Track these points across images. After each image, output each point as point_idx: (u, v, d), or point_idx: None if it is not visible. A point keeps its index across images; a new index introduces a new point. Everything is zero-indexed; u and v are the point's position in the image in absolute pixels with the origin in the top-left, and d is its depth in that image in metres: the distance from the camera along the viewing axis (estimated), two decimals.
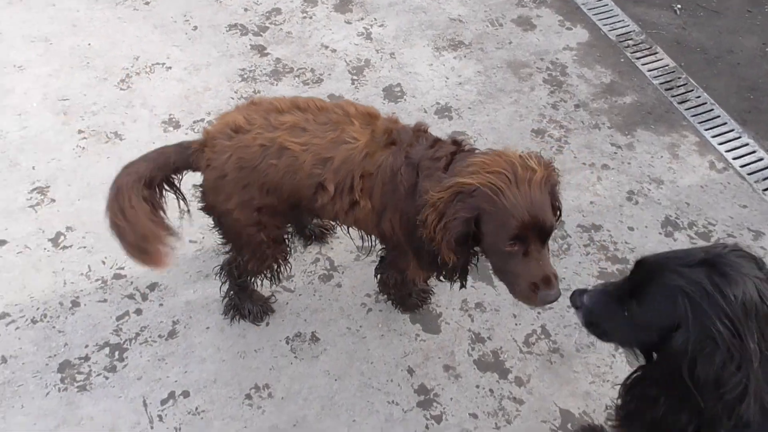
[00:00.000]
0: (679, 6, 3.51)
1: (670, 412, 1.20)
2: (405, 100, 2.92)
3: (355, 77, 3.02)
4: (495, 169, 1.40)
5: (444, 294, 2.25)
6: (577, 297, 1.39)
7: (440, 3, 3.42)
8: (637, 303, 1.25)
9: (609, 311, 1.32)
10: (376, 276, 2.04)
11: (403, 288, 2.02)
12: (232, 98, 2.89)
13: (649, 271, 1.24)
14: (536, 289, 1.42)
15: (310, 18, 3.31)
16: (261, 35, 3.21)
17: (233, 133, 1.65)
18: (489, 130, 2.78)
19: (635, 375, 1.33)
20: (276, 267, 1.95)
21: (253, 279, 2.01)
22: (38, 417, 1.94)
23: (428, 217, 1.45)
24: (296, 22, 3.29)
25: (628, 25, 3.35)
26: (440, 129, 2.78)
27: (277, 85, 2.97)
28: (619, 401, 1.37)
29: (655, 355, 1.30)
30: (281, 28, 3.26)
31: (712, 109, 2.93)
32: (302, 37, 3.20)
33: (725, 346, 1.09)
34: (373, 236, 1.81)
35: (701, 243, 2.44)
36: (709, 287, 1.12)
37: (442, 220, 1.43)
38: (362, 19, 3.31)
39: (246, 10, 3.34)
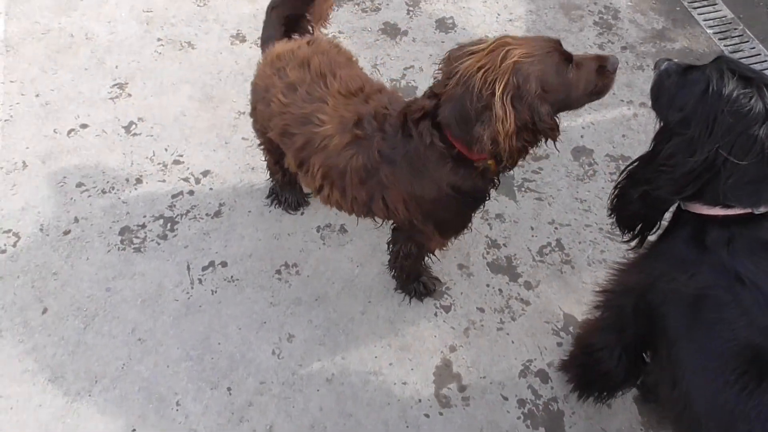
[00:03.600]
0: None
1: (632, 182, 1.28)
2: (455, 31, 2.84)
3: (411, 8, 2.95)
4: (490, 55, 1.22)
5: None
6: (661, 61, 1.32)
7: None
8: (681, 80, 1.22)
9: (667, 80, 1.27)
10: (388, 248, 1.88)
11: (416, 263, 1.83)
12: None
13: (711, 61, 1.20)
14: (604, 69, 1.32)
15: None
16: None
17: (270, 61, 1.64)
18: None
19: (634, 160, 1.33)
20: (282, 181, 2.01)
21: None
22: (100, 268, 2.07)
23: (502, 125, 1.22)
24: None
25: None
26: None
27: (337, 10, 2.93)
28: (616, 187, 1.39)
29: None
30: None
31: (766, 60, 2.68)
32: None
33: (693, 134, 1.13)
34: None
35: None
36: (727, 89, 1.10)
37: (527, 103, 1.23)
38: None
39: None
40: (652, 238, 1.40)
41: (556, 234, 2.14)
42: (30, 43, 2.75)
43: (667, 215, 1.36)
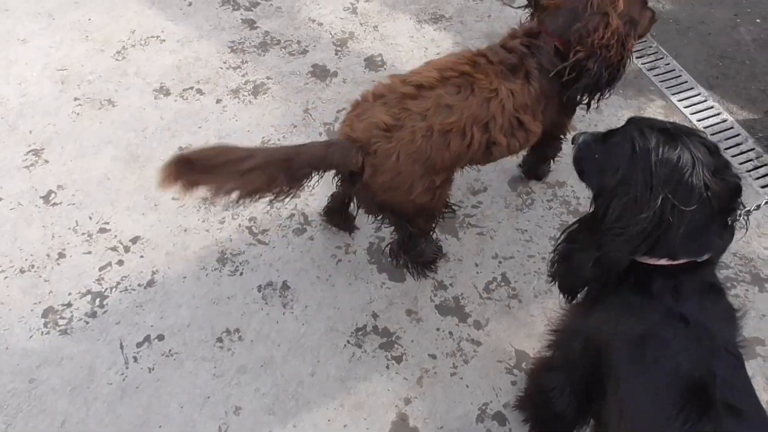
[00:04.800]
0: None
1: (580, 247, 1.27)
2: (385, 68, 2.83)
3: (338, 48, 2.92)
4: None
5: None
6: (577, 136, 1.40)
7: None
8: (604, 147, 1.27)
9: (589, 151, 1.33)
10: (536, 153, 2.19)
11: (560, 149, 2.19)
12: (221, 68, 2.82)
13: (625, 124, 1.27)
14: (653, 18, 1.77)
15: None
16: (252, 10, 3.12)
17: (388, 133, 1.54)
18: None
19: (572, 224, 1.32)
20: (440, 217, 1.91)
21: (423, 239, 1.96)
22: (22, 357, 1.90)
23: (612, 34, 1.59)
24: None
25: None
26: None
27: (264, 56, 2.88)
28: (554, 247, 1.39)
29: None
30: (271, 3, 3.16)
31: (680, 75, 2.79)
32: (291, 12, 3.11)
33: (635, 192, 1.14)
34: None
35: None
36: (652, 144, 1.15)
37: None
38: None
39: None
40: None
41: (500, 268, 2.12)
42: None
43: None
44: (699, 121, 2.60)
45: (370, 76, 2.79)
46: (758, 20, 3.12)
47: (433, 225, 1.89)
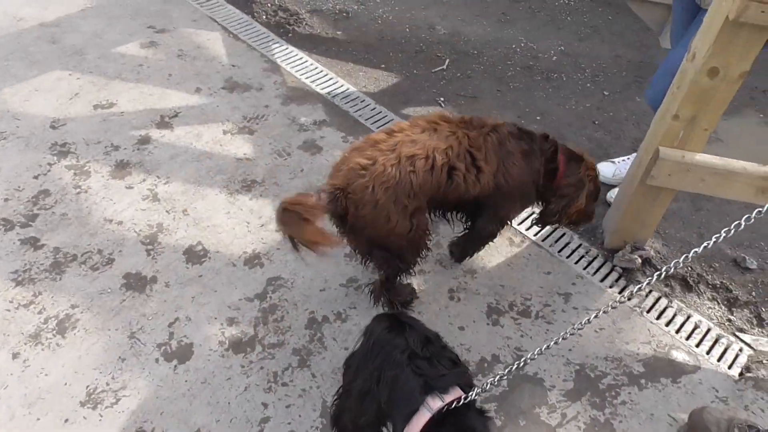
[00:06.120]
0: (442, 99, 3.82)
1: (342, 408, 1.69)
2: (209, 258, 2.71)
3: (149, 247, 2.74)
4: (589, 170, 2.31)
5: None
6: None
7: (223, 145, 3.32)
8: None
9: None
10: (470, 230, 2.44)
11: (490, 238, 2.49)
12: (8, 310, 2.45)
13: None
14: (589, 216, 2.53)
15: (86, 192, 2.99)
16: (31, 225, 2.81)
17: (364, 171, 1.90)
18: (304, 268, 2.67)
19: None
20: (425, 250, 2.23)
21: (405, 274, 2.30)
22: None
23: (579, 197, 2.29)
24: (70, 200, 2.95)
25: None
26: (254, 279, 2.61)
27: (60, 279, 2.58)
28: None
29: None
30: (53, 211, 2.89)
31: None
32: (80, 216, 2.87)
33: (355, 363, 1.61)
34: (478, 198, 2.13)
35: (525, 322, 2.52)
36: (378, 329, 1.59)
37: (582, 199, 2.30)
38: (144, 180, 3.08)
39: (7, 200, 2.92)
40: None
41: None
42: None
43: None
44: (527, 230, 2.92)
45: (196, 271, 2.65)
46: (538, 117, 3.70)
47: (418, 259, 2.21)
